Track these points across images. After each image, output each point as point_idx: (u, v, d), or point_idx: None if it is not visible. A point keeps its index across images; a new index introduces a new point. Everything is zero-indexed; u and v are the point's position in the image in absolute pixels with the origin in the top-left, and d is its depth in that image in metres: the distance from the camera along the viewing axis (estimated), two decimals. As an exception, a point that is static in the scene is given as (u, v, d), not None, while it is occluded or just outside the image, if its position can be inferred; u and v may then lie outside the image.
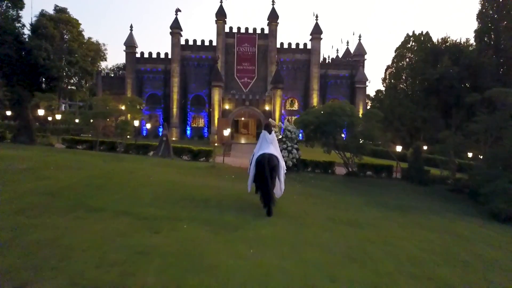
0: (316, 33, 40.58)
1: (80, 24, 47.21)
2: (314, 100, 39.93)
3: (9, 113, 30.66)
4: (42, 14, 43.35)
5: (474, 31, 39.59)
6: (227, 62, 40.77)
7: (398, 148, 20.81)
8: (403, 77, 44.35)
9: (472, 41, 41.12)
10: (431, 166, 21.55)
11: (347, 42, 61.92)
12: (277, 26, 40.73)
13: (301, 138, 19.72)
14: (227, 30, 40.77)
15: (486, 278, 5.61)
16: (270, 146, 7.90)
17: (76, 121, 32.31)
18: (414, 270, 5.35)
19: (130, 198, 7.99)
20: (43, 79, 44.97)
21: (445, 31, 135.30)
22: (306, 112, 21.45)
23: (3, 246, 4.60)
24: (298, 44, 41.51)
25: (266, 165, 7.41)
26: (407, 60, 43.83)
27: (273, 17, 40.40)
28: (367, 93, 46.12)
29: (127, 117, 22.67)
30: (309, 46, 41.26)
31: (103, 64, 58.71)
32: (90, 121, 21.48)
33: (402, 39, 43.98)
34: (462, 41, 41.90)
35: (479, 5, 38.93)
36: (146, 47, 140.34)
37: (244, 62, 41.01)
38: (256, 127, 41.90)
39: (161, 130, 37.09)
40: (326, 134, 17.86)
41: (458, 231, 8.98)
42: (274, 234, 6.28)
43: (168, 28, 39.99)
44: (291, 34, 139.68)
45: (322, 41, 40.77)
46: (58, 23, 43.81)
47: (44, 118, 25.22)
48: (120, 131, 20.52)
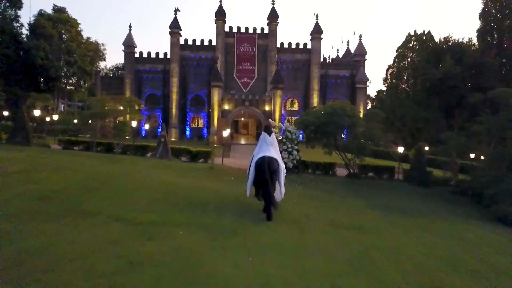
0: (316, 32, 40.33)
1: (78, 23, 47.01)
2: (315, 100, 39.67)
3: (6, 113, 30.35)
4: (41, 14, 43.16)
5: (477, 31, 39.22)
6: (227, 62, 40.48)
7: (400, 149, 20.54)
8: (405, 77, 44.04)
9: (474, 40, 40.77)
10: (433, 167, 21.33)
11: (348, 42, 61.08)
12: (277, 25, 40.47)
13: (301, 139, 19.45)
14: (227, 29, 40.45)
15: (496, 288, 5.35)
16: (270, 148, 7.66)
17: (74, 121, 32.07)
18: (423, 280, 5.09)
19: (125, 202, 7.74)
20: (42, 79, 44.67)
21: (447, 31, 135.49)
22: (306, 112, 21.18)
23: (-15, 256, 4.32)
24: (298, 44, 41.25)
25: (266, 168, 7.19)
26: (409, 60, 43.53)
27: (273, 16, 40.14)
28: (368, 93, 45.94)
29: (126, 117, 22.41)
30: (309, 46, 41.00)
31: (102, 64, 58.68)
32: (88, 121, 21.24)
33: (403, 39, 43.86)
34: (464, 40, 41.50)
35: (482, 4, 38.54)
36: (145, 47, 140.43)
37: (243, 62, 40.70)
38: (256, 128, 41.65)
39: (160, 130, 36.81)
40: (326, 134, 17.57)
41: (463, 236, 8.74)
42: (274, 241, 6.05)
43: (167, 28, 39.86)
44: (291, 34, 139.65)
45: (322, 41, 40.56)
46: (57, 23, 43.55)
47: (40, 119, 24.90)
48: (118, 132, 20.26)
